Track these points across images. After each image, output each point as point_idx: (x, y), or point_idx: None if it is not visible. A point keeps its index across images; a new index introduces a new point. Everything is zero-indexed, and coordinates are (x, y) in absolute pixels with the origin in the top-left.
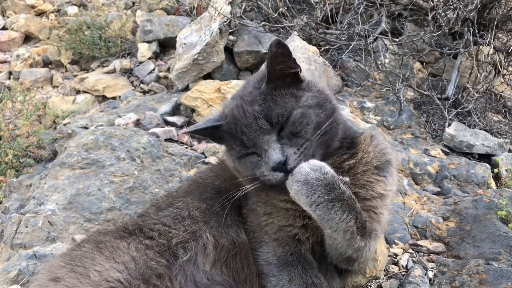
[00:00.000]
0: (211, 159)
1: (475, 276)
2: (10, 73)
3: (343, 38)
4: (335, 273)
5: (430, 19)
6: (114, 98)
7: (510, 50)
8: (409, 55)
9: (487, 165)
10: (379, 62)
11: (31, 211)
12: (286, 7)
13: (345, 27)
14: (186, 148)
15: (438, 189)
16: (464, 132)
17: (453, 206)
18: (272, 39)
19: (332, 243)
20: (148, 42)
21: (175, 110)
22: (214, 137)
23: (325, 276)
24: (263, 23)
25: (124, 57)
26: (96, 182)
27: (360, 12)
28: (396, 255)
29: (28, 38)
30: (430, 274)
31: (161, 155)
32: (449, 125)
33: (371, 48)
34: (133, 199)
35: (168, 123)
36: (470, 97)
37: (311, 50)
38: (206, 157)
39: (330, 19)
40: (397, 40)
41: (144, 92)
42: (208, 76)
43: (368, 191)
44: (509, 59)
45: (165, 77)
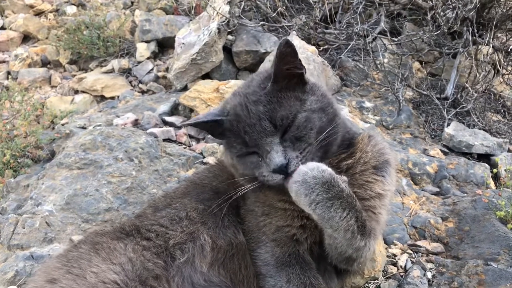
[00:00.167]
0: (209, 159)
1: (474, 276)
2: (9, 73)
3: (342, 38)
4: (333, 273)
5: (429, 18)
6: (112, 98)
7: (509, 50)
8: (408, 55)
9: (486, 165)
10: (378, 62)
11: (28, 212)
12: (284, 7)
13: (344, 26)
14: (184, 148)
15: (437, 189)
16: (463, 132)
17: (452, 206)
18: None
19: (332, 242)
20: (147, 42)
21: (174, 110)
22: (214, 132)
23: (323, 276)
24: (261, 22)
25: (122, 57)
26: (93, 182)
27: (359, 12)
28: (394, 255)
29: (26, 38)
30: (429, 274)
31: (159, 155)
32: (448, 125)
33: (370, 47)
34: (131, 199)
35: (166, 123)
36: (469, 96)
37: (310, 49)
38: (204, 157)
39: (329, 19)
40: (396, 39)
41: (143, 92)
42: (207, 76)
43: (366, 191)
44: (508, 58)
45: (164, 77)
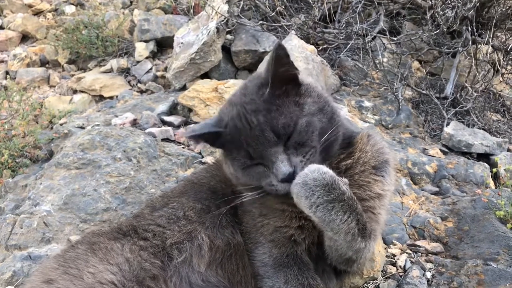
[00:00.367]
0: (208, 159)
1: (473, 276)
2: (7, 72)
3: (341, 37)
4: (332, 274)
5: (429, 17)
6: (111, 97)
7: (508, 49)
8: (408, 54)
9: (486, 164)
10: (377, 61)
11: (26, 212)
12: (283, 6)
13: (343, 26)
14: (183, 148)
15: (437, 189)
16: (463, 131)
17: (451, 206)
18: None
19: (333, 244)
20: (146, 41)
21: (172, 109)
22: (211, 143)
23: (321, 277)
24: (260, 22)
25: (121, 57)
26: (92, 182)
27: (358, 11)
28: (394, 255)
29: (25, 38)
30: (428, 274)
31: (157, 155)
32: (448, 124)
33: (369, 47)
34: (129, 199)
35: (165, 122)
36: (468, 96)
37: (309, 49)
38: (203, 157)
39: (328, 18)
40: (395, 39)
41: (141, 92)
42: (206, 75)
43: (365, 191)
44: (508, 58)
45: (163, 77)
